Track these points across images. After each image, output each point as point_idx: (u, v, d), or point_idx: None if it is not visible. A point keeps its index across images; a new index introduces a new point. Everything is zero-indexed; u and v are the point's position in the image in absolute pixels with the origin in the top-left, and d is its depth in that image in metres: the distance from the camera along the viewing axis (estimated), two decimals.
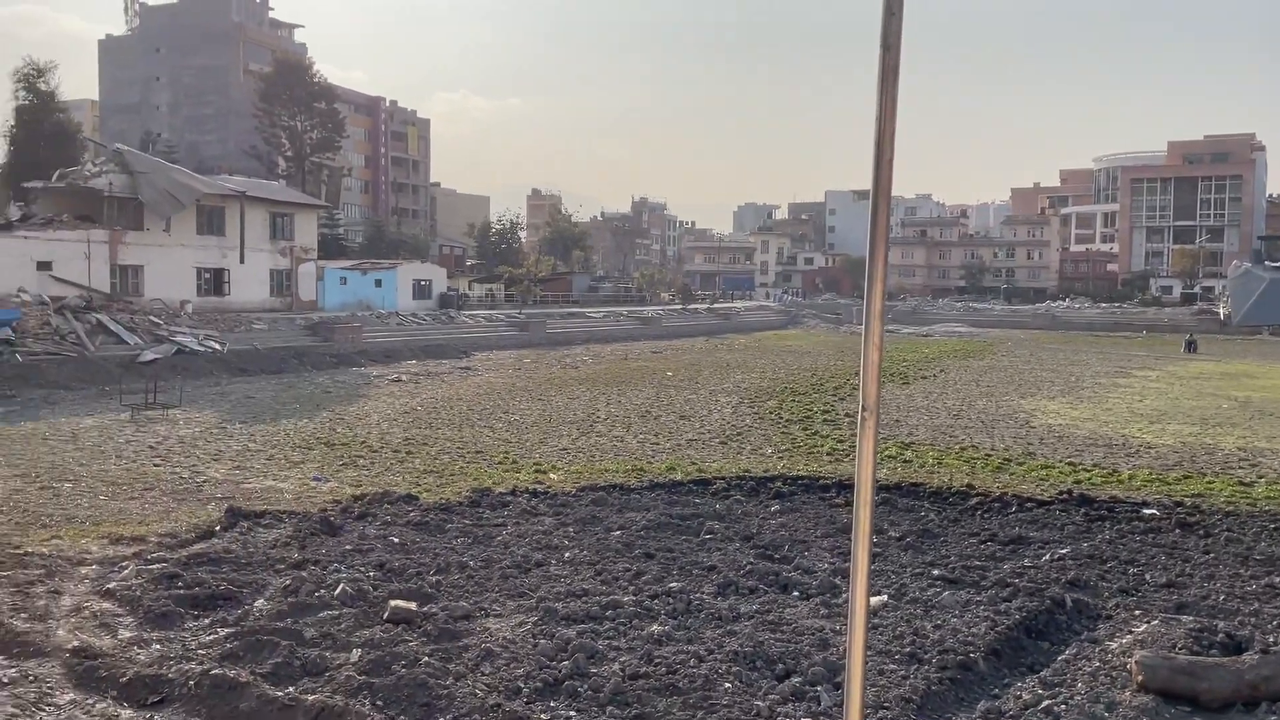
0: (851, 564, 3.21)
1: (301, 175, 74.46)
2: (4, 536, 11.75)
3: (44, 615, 8.77)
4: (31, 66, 60.71)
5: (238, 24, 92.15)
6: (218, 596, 9.54)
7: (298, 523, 12.64)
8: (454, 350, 44.41)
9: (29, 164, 54.66)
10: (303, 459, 18.30)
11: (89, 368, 30.55)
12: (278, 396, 28.09)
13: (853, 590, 3.22)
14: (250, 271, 47.87)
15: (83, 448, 18.86)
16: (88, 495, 14.63)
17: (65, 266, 39.25)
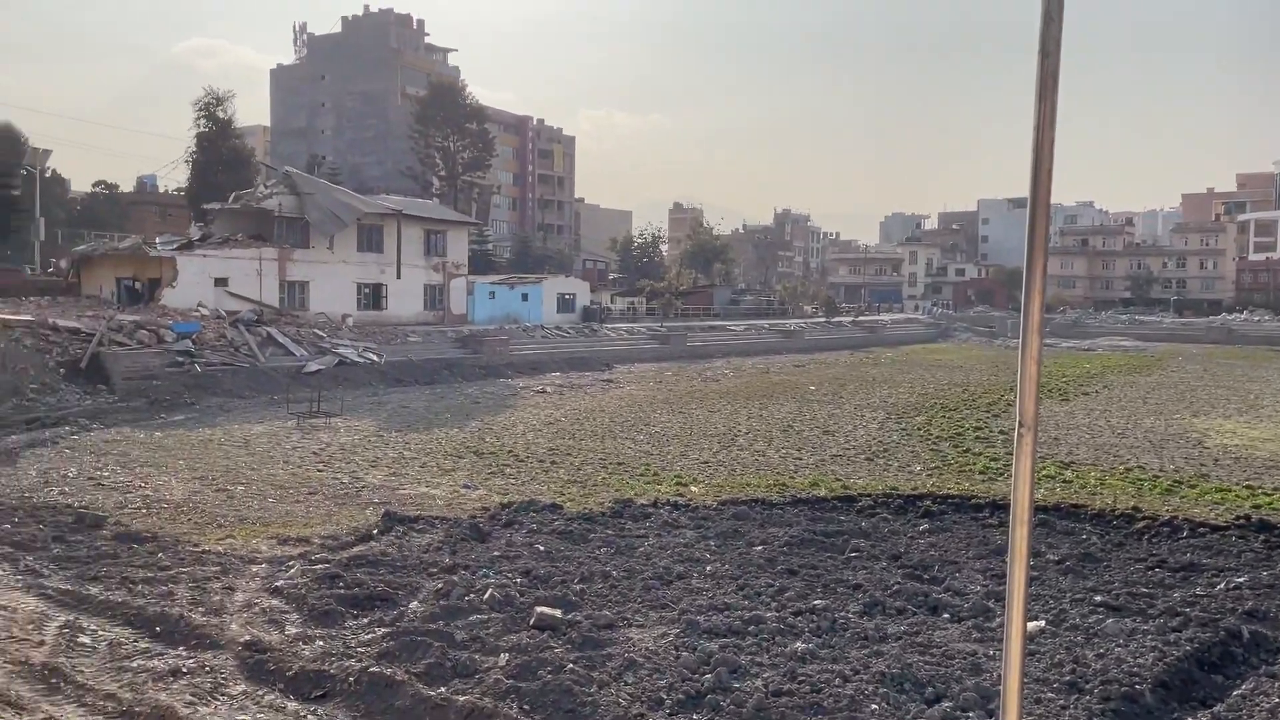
0: (1008, 587, 3.09)
1: (454, 193, 77.28)
2: (185, 535, 12.62)
3: (219, 610, 9.36)
4: (211, 96, 65.24)
5: (396, 50, 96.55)
6: (375, 597, 9.96)
7: (449, 528, 13.09)
8: (596, 363, 45.09)
9: (209, 187, 58.74)
10: (453, 467, 18.92)
11: (260, 378, 32.45)
12: (430, 406, 29.14)
13: (1009, 614, 3.10)
14: (406, 286, 49.94)
15: (254, 453, 20.05)
16: (258, 498, 15.54)
17: (240, 282, 41.90)
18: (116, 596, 9.55)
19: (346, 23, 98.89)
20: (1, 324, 30.25)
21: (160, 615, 8.97)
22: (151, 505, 14.71)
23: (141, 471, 17.60)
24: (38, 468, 17.72)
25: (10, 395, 26.85)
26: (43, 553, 11.29)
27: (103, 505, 14.47)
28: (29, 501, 14.55)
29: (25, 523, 12.92)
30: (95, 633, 8.52)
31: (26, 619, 8.80)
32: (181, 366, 31.75)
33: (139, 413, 26.10)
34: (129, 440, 21.51)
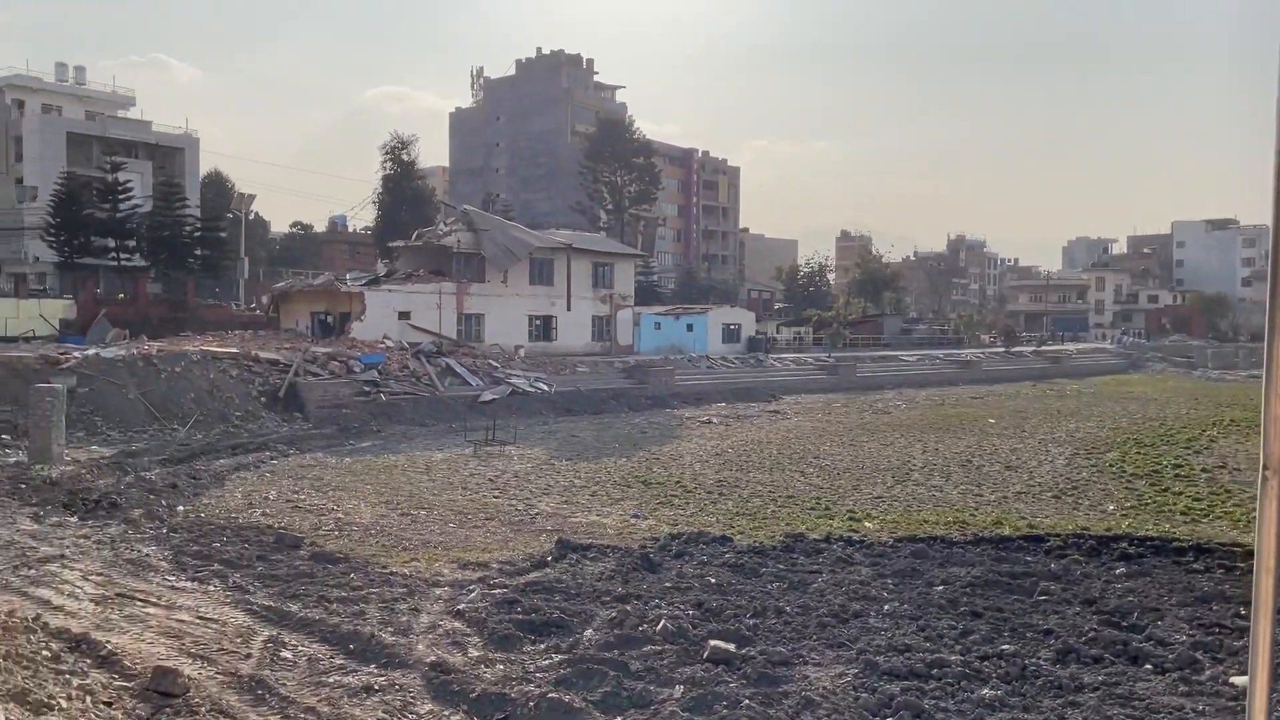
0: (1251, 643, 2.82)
1: (620, 226, 78.85)
2: (374, 557, 13.24)
3: (406, 630, 9.74)
4: (397, 140, 69.18)
5: (566, 90, 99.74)
6: (551, 624, 10.14)
7: (620, 557, 13.21)
8: (762, 393, 44.77)
9: (394, 225, 62.17)
10: (622, 496, 19.13)
11: (439, 406, 33.87)
12: (599, 436, 29.62)
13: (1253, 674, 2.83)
14: (575, 318, 51.18)
15: (435, 479, 20.89)
16: (439, 523, 16.16)
17: (421, 315, 44.01)
18: (314, 614, 10.08)
19: (520, 65, 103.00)
20: (211, 356, 32.81)
21: (353, 633, 9.41)
22: (343, 527, 15.52)
23: (334, 495, 18.62)
24: (242, 490, 19.04)
25: (219, 422, 29.06)
26: (248, 570, 12.08)
27: (300, 527, 15.38)
28: (235, 522, 15.63)
29: (233, 541, 13.88)
30: (296, 648, 9.01)
31: (235, 632, 9.40)
32: (368, 396, 33.53)
33: (331, 439, 27.69)
34: (322, 465, 22.82)
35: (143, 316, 46.64)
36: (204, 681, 7.93)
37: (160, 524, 15.06)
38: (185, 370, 30.90)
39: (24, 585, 11.02)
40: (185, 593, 10.96)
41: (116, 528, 14.58)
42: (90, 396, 27.57)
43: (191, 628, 9.49)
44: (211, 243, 59.60)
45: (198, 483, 19.57)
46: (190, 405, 29.32)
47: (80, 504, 16.32)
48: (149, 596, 10.68)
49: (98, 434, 25.81)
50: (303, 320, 46.23)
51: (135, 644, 8.84)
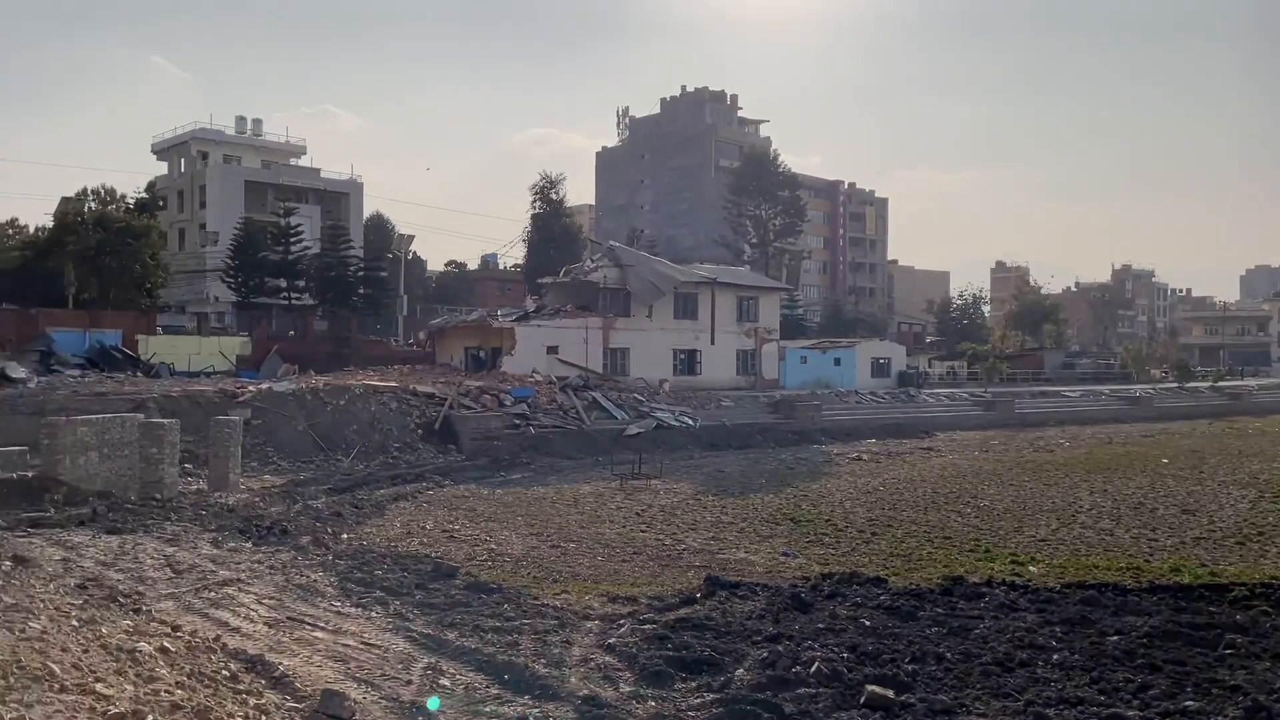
0: None
1: (765, 260, 78.55)
2: (526, 588, 13.46)
3: (559, 663, 9.83)
4: (546, 180, 71.21)
5: (710, 126, 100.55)
6: (702, 661, 10.03)
7: (770, 596, 12.99)
8: (914, 429, 43.48)
9: (542, 262, 63.81)
10: (770, 533, 18.85)
11: (586, 440, 34.33)
12: (745, 471, 29.36)
13: None
14: (719, 352, 51.12)
15: (583, 512, 21.12)
16: (588, 555, 16.30)
17: (568, 350, 44.88)
18: (470, 643, 10.31)
19: (665, 104, 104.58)
20: (373, 390, 34.31)
21: (508, 664, 9.56)
22: (496, 558, 15.85)
23: (486, 526, 19.08)
24: (401, 519, 19.74)
25: (379, 453, 30.30)
26: (408, 598, 12.47)
27: (455, 556, 15.80)
28: (395, 550, 16.20)
29: (393, 569, 14.38)
30: (454, 676, 9.22)
31: (397, 659, 9.70)
32: (518, 428, 34.32)
33: (483, 470, 28.43)
34: (475, 496, 23.44)
35: (310, 352, 49.27)
36: (369, 706, 8.20)
37: (326, 551, 15.76)
38: (349, 403, 32.40)
39: (205, 607, 11.70)
40: (350, 618, 11.40)
41: (287, 554, 15.34)
42: (263, 428, 29.23)
43: (356, 652, 9.85)
44: (373, 282, 62.62)
45: (360, 511, 20.40)
46: (353, 437, 30.68)
47: (254, 530, 17.27)
48: (317, 621, 11.15)
49: (269, 463, 27.31)
50: (457, 355, 47.85)
51: (305, 667, 9.23)
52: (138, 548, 15.20)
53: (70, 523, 17.29)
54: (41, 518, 17.71)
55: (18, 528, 16.56)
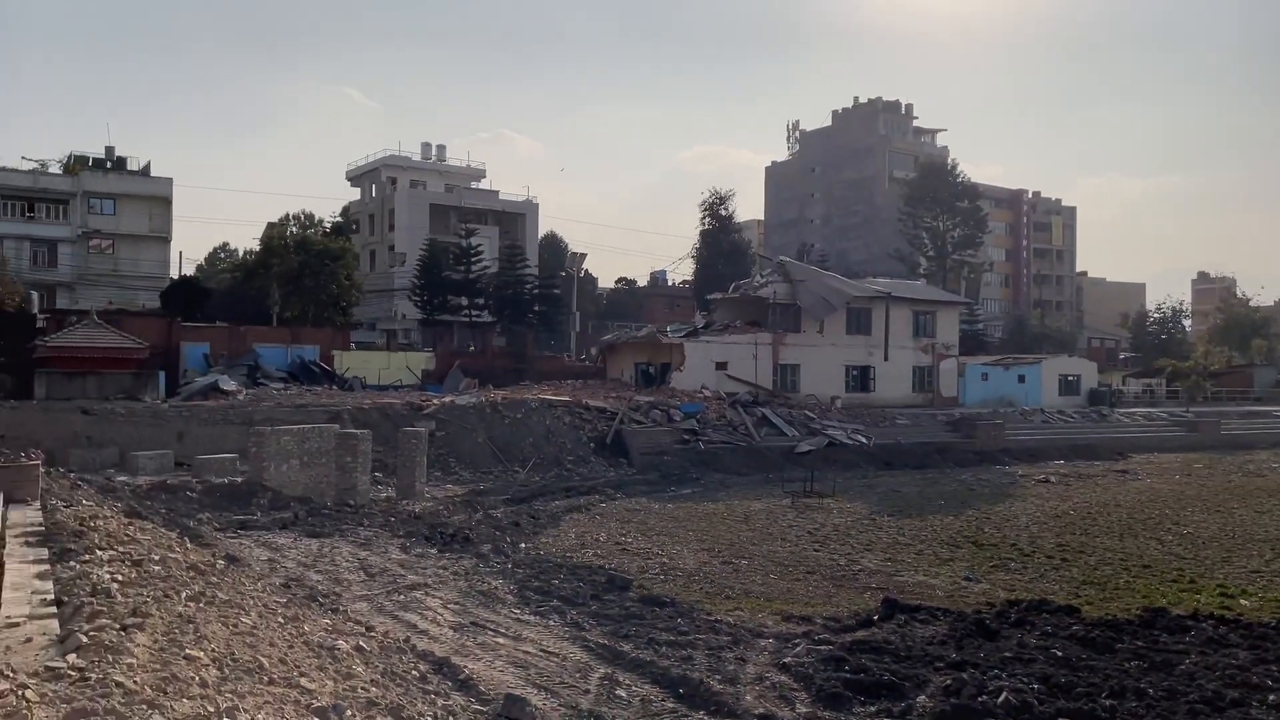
0: None
1: (942, 273, 76.01)
2: (698, 604, 13.45)
3: (733, 679, 9.76)
4: (715, 196, 71.41)
5: (884, 137, 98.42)
6: (881, 685, 9.74)
7: (953, 621, 12.50)
8: (1107, 451, 40.96)
9: (711, 278, 63.97)
10: (951, 556, 18.15)
11: (755, 456, 34.10)
12: (922, 491, 28.41)
13: None
14: (893, 368, 49.75)
15: (754, 529, 20.96)
16: (760, 573, 16.14)
17: (737, 366, 44.74)
18: (645, 655, 10.38)
19: (836, 116, 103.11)
20: (548, 404, 35.25)
21: (682, 678, 9.57)
22: (668, 572, 15.93)
23: (658, 539, 19.21)
24: (575, 530, 20.14)
25: (554, 465, 31.08)
26: (584, 608, 12.70)
27: (628, 569, 15.98)
28: (570, 561, 16.54)
29: (569, 580, 14.68)
30: (629, 687, 9.30)
31: (574, 667, 9.88)
32: (688, 443, 34.45)
33: (653, 485, 28.68)
34: (646, 510, 23.66)
35: (489, 367, 51.11)
36: (548, 712, 8.38)
37: (506, 559, 16.26)
38: (525, 417, 33.41)
39: (395, 609, 12.27)
40: (529, 625, 11.70)
41: (469, 561, 15.92)
42: (446, 439, 30.52)
43: (535, 659, 10.09)
44: (548, 299, 64.46)
45: (537, 522, 20.96)
46: (529, 449, 31.60)
47: (439, 537, 18.02)
48: (498, 627, 11.50)
49: (451, 473, 28.48)
50: (627, 370, 48.55)
51: (488, 671, 9.53)
52: (334, 551, 16.13)
53: (274, 526, 18.54)
54: (249, 520, 19.09)
55: (229, 529, 17.89)
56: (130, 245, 60.57)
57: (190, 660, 6.43)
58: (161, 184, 62.76)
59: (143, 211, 61.07)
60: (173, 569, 9.86)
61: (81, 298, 54.42)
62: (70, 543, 10.45)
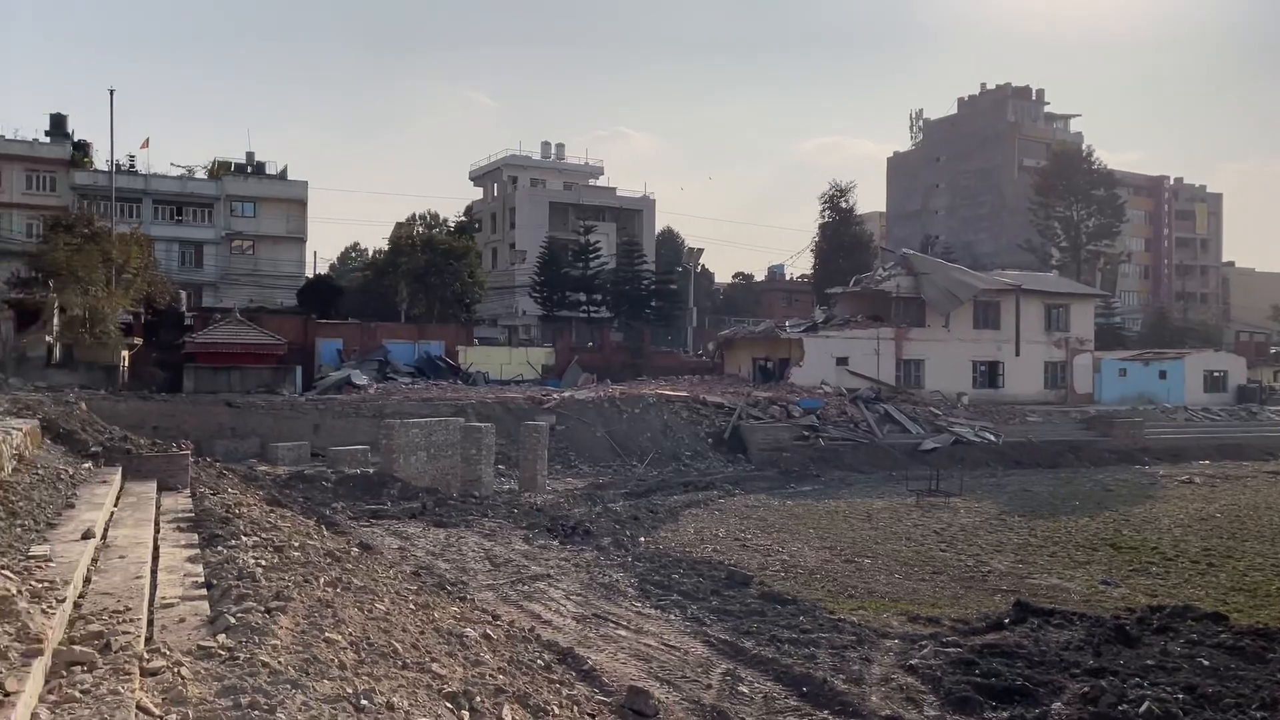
0: None
1: (1076, 264, 72.91)
2: (820, 602, 13.28)
3: (858, 679, 9.59)
4: (835, 189, 70.24)
5: (1013, 124, 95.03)
6: (1014, 691, 9.42)
7: (1090, 627, 11.99)
8: (1256, 451, 38.62)
9: (831, 272, 63.01)
10: (1087, 559, 17.41)
11: (877, 453, 33.46)
12: (1054, 492, 27.35)
13: None
14: (1024, 364, 48.02)
15: (876, 527, 20.56)
16: (884, 572, 15.82)
17: (858, 361, 43.96)
18: (767, 652, 10.30)
19: (962, 103, 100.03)
20: (665, 399, 35.38)
21: (805, 676, 9.45)
22: (789, 569, 15.78)
23: (778, 536, 19.04)
24: (694, 526, 20.15)
25: (671, 460, 31.18)
26: (704, 603, 12.68)
27: (748, 565, 15.89)
28: (689, 556, 16.56)
29: (688, 575, 14.69)
30: (752, 684, 9.24)
31: (696, 662, 9.88)
32: (807, 440, 34.06)
33: (772, 481, 28.45)
34: (765, 506, 23.49)
35: (607, 363, 51.59)
36: (671, 706, 8.40)
37: (626, 553, 16.38)
38: (643, 412, 33.63)
39: (519, 599, 12.52)
40: (650, 619, 11.76)
41: (590, 553, 16.10)
42: (566, 433, 30.98)
43: (657, 653, 10.13)
44: (664, 294, 64.62)
45: (655, 516, 21.06)
46: (647, 444, 31.79)
47: (560, 529, 18.29)
48: (620, 619, 11.59)
49: (571, 467, 28.89)
50: (745, 366, 48.27)
51: (610, 662, 9.61)
52: (460, 541, 16.56)
53: (404, 515, 19.16)
54: (380, 509, 19.77)
55: (362, 518, 18.57)
56: (269, 246, 63.50)
57: (329, 643, 6.68)
58: (297, 187, 65.56)
59: (280, 213, 63.92)
60: (311, 555, 10.28)
61: (225, 296, 57.34)
62: (218, 528, 11.01)
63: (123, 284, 38.42)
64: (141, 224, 53.21)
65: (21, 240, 51.53)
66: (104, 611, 6.65)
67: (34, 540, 8.32)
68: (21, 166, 56.06)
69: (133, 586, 7.54)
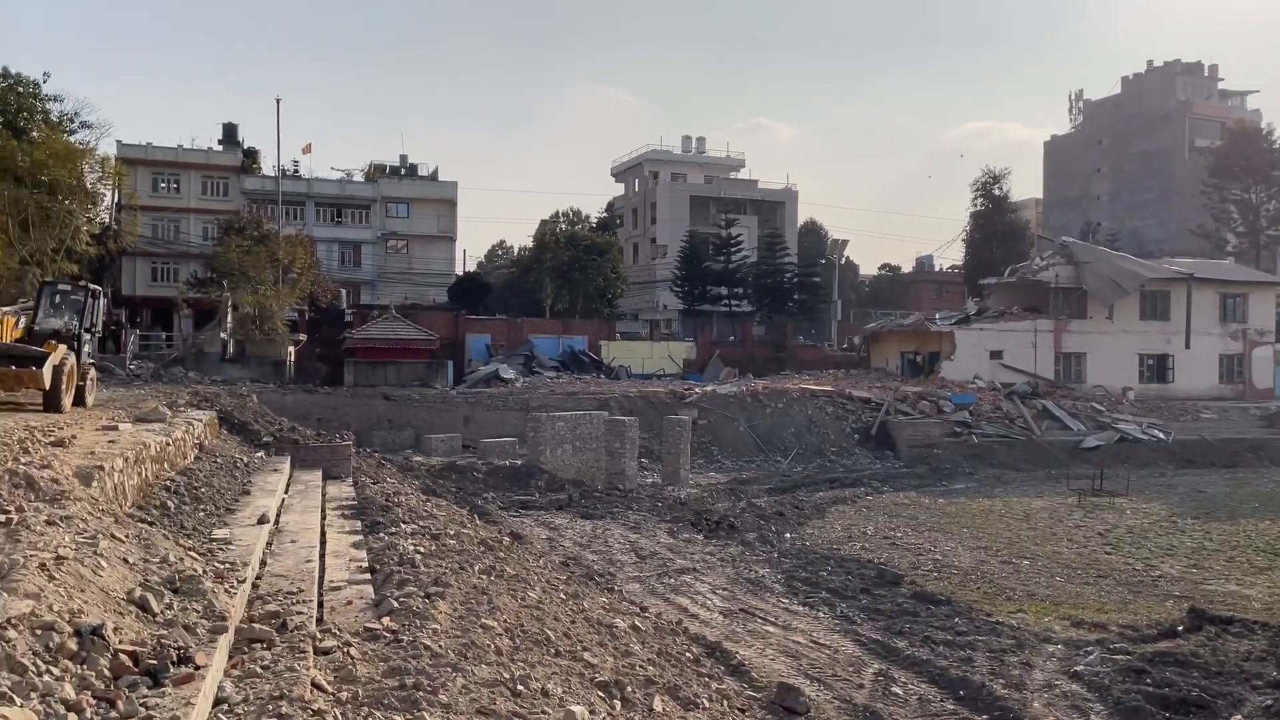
0: None
1: (1255, 251, 67.96)
2: (976, 604, 12.81)
3: (1019, 685, 9.20)
4: (988, 175, 67.64)
5: (1183, 102, 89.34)
6: (1188, 702, 8.87)
7: (1273, 637, 11.18)
8: None
9: (984, 263, 60.76)
10: (1269, 565, 16.20)
11: (1035, 451, 32.07)
12: (1232, 493, 25.59)
13: None
14: (1195, 357, 45.07)
15: (1035, 528, 19.69)
16: (1044, 575, 15.13)
17: (1014, 355, 42.22)
18: (920, 654, 10.01)
19: (1126, 83, 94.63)
20: (809, 394, 34.89)
21: (962, 680, 9.14)
22: (941, 569, 15.29)
23: (929, 535, 18.49)
24: (841, 523, 19.80)
25: (815, 456, 30.74)
26: (853, 602, 12.44)
27: (898, 564, 15.49)
28: (837, 553, 16.27)
29: (836, 572, 14.44)
30: (905, 685, 9.00)
31: (846, 661, 9.69)
32: (959, 436, 32.96)
33: (922, 478, 27.66)
34: (915, 504, 22.85)
35: (749, 357, 51.29)
36: (822, 704, 8.26)
37: (771, 548, 16.24)
38: (786, 407, 33.26)
39: (665, 592, 12.58)
40: (798, 616, 11.61)
41: (735, 548, 16.04)
42: (708, 428, 30.95)
43: (806, 650, 9.99)
44: (808, 287, 63.77)
45: (800, 512, 20.78)
46: (790, 439, 31.44)
47: (704, 524, 18.28)
48: (767, 615, 11.50)
49: (714, 461, 28.86)
50: (892, 360, 47.09)
51: (759, 658, 9.54)
52: (606, 533, 16.78)
53: (551, 506, 19.56)
54: (529, 500, 20.26)
55: (511, 508, 19.07)
56: (421, 245, 65.92)
57: (485, 629, 6.87)
58: (447, 187, 67.80)
59: (432, 213, 66.25)
60: (465, 543, 10.60)
61: (380, 294, 59.85)
62: (379, 516, 11.49)
63: (289, 283, 40.60)
64: (305, 226, 56.18)
65: (199, 243, 55.14)
66: (279, 592, 7.03)
67: (215, 524, 8.88)
68: (198, 174, 59.93)
69: (303, 569, 7.94)
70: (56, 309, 15.81)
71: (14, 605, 4.37)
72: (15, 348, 13.96)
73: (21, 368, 13.26)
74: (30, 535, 5.57)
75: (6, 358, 13.51)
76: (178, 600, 5.52)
